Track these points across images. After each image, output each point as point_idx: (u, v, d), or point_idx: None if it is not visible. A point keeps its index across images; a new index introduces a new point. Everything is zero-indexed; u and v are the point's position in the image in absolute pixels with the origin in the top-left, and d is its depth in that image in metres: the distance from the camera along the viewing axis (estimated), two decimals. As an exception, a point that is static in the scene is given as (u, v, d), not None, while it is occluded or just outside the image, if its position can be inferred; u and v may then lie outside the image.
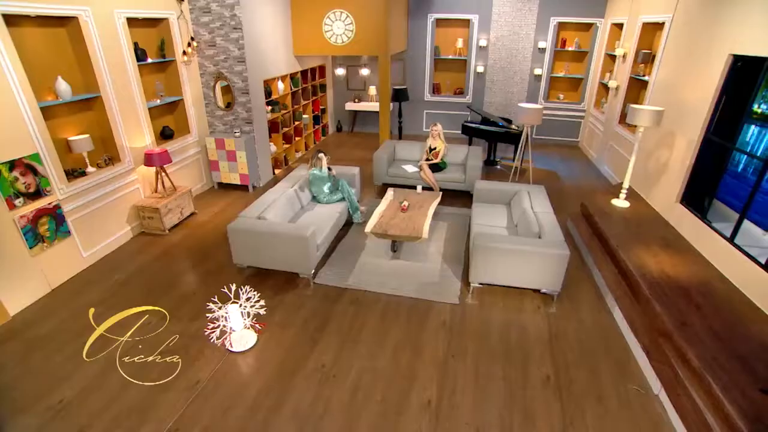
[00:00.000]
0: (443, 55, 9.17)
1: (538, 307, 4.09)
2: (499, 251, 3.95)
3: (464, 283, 4.40)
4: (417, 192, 5.65)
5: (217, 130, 6.57)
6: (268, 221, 4.29)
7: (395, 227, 4.67)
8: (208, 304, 3.46)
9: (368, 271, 4.53)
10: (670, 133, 5.21)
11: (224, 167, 6.47)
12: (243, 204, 6.21)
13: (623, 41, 7.07)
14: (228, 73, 6.11)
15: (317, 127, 9.21)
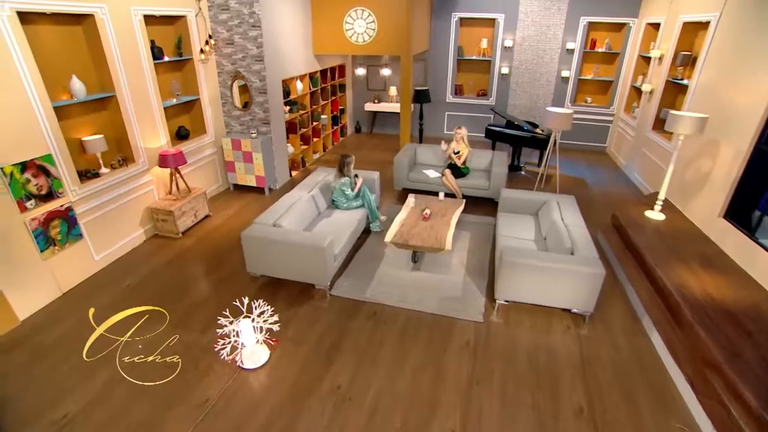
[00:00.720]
0: (467, 55, 8.88)
1: (568, 327, 3.81)
2: (528, 268, 3.68)
3: (489, 298, 4.14)
4: (439, 199, 5.41)
5: (234, 130, 6.43)
6: (284, 229, 4.10)
7: (417, 237, 4.43)
8: (219, 319, 3.29)
9: (387, 283, 4.31)
10: (713, 141, 4.84)
11: (240, 168, 6.33)
12: (258, 207, 6.06)
13: (660, 42, 6.67)
14: (246, 72, 5.96)
15: (336, 128, 9.02)
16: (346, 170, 4.98)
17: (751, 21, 4.48)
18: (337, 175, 5.05)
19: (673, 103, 6.49)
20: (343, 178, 4.99)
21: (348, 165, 4.98)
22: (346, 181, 4.99)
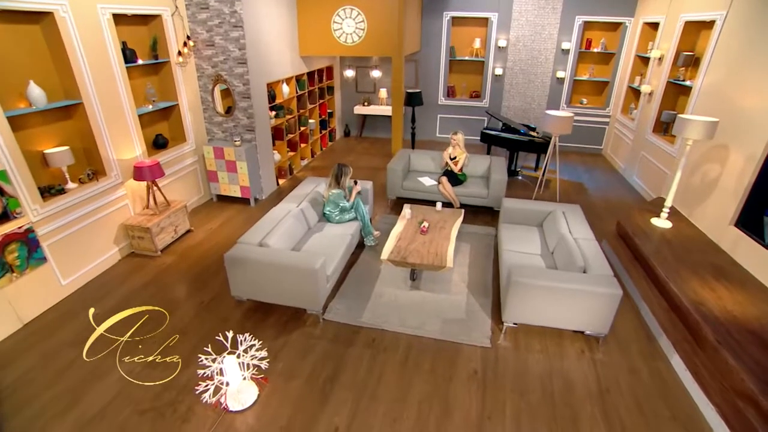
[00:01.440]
0: (459, 56, 8.59)
1: (582, 351, 3.53)
2: (538, 289, 3.38)
3: (495, 320, 3.84)
4: (437, 209, 5.09)
5: (216, 137, 6.03)
6: (271, 249, 3.74)
7: (415, 254, 4.11)
8: (200, 357, 2.92)
9: (385, 305, 3.98)
10: (722, 146, 4.63)
11: (223, 178, 5.93)
12: (243, 219, 5.67)
13: (659, 42, 6.48)
14: (228, 75, 5.56)
15: (324, 132, 8.66)
16: (342, 181, 4.63)
17: (762, 19, 4.27)
18: (331, 184, 4.69)
19: (674, 105, 6.30)
20: (338, 189, 4.64)
21: (345, 175, 4.63)
22: (340, 192, 4.64)
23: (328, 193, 4.69)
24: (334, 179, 4.66)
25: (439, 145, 8.94)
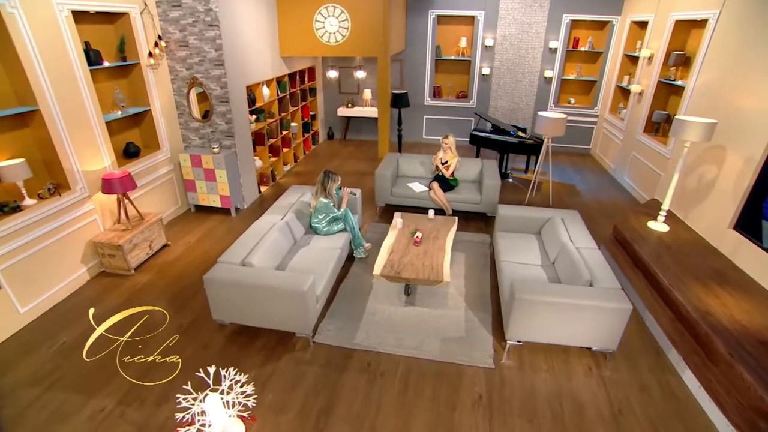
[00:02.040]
0: (445, 55, 8.38)
1: (589, 368, 3.35)
2: (544, 305, 3.18)
3: (496, 336, 3.63)
4: (429, 217, 4.86)
5: (193, 144, 5.65)
6: (255, 269, 3.43)
7: (410, 268, 3.87)
8: (178, 397, 2.60)
9: (379, 324, 3.73)
10: (719, 147, 4.53)
11: (201, 188, 5.56)
12: (224, 231, 5.33)
13: (648, 41, 6.39)
14: (204, 78, 5.20)
15: (307, 136, 8.33)
16: (329, 188, 4.34)
17: (758, 18, 4.17)
18: (317, 193, 4.40)
19: (665, 105, 6.22)
20: (325, 198, 4.36)
21: (333, 183, 4.35)
22: (328, 202, 4.36)
23: (315, 202, 4.40)
24: (321, 187, 4.38)
25: (427, 147, 8.73)
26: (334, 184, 4.37)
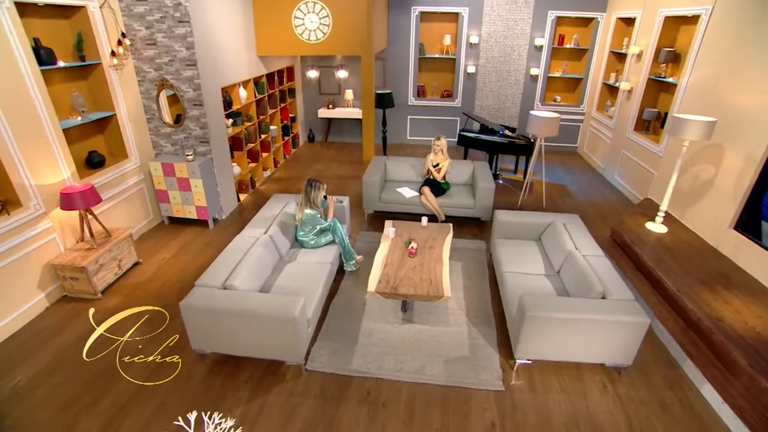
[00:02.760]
0: (428, 53, 8.13)
1: (604, 386, 3.14)
2: (557, 321, 2.95)
3: (503, 353, 3.38)
4: (423, 225, 4.59)
5: (165, 151, 5.21)
6: (238, 292, 3.08)
7: (407, 283, 3.58)
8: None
9: (376, 346, 3.43)
10: (716, 146, 4.42)
11: (175, 198, 5.13)
12: (202, 244, 4.92)
13: (636, 38, 6.29)
14: (174, 79, 4.78)
15: (287, 139, 7.94)
16: (314, 199, 4.01)
17: (754, 12, 4.06)
18: (302, 205, 4.07)
19: (656, 103, 6.14)
20: (311, 209, 4.03)
21: (318, 192, 4.03)
22: (314, 213, 4.03)
23: (301, 214, 4.06)
24: (306, 198, 4.04)
25: (411, 148, 8.47)
26: (319, 194, 4.04)
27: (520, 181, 6.91)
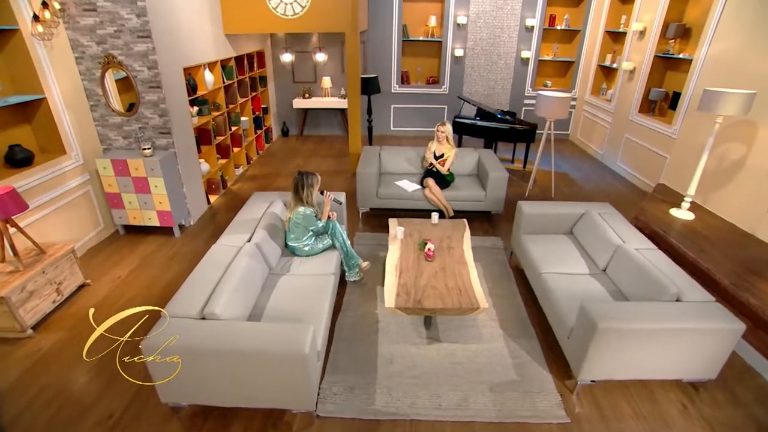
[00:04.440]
0: (412, 36, 7.47)
1: (683, 406, 2.59)
2: (636, 334, 2.37)
3: (554, 373, 2.78)
4: (433, 222, 3.94)
5: (116, 145, 4.28)
6: (222, 323, 2.30)
7: (431, 293, 2.92)
8: None
9: (401, 375, 2.73)
10: (747, 122, 4.04)
11: (131, 202, 4.21)
12: (166, 257, 4.05)
13: (638, 14, 5.90)
14: (123, 55, 3.87)
15: (259, 133, 7.07)
16: (308, 196, 3.27)
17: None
18: (292, 204, 3.31)
19: (661, 82, 5.77)
20: (305, 207, 3.28)
21: (311, 187, 3.28)
22: (310, 212, 3.29)
23: (292, 215, 3.30)
24: (296, 195, 3.28)
25: (396, 140, 7.81)
26: (312, 190, 3.30)
27: (520, 170, 6.41)
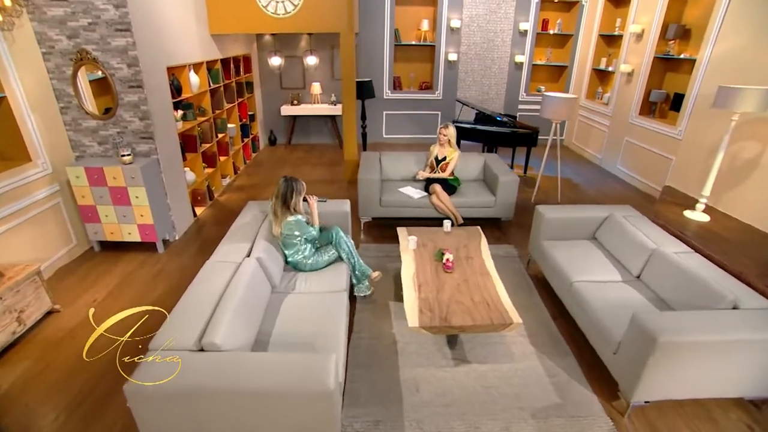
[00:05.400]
0: (404, 40, 7.27)
1: (749, 428, 2.32)
2: (699, 347, 2.10)
3: (597, 392, 2.49)
4: (445, 231, 3.65)
5: (90, 152, 3.84)
6: (225, 355, 1.91)
7: (457, 309, 2.61)
8: None
9: (430, 404, 2.39)
10: (761, 120, 3.94)
11: (108, 216, 3.77)
12: (149, 276, 3.61)
13: (636, 16, 5.84)
14: (99, 51, 3.47)
15: (246, 141, 6.68)
16: (296, 203, 2.92)
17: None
18: (280, 213, 2.93)
19: (661, 84, 5.69)
20: (293, 216, 2.92)
21: (298, 194, 2.93)
22: (300, 219, 2.93)
23: (281, 228, 2.92)
24: (284, 204, 2.91)
25: (389, 147, 7.52)
26: (300, 197, 2.95)
27: (521, 176, 6.19)
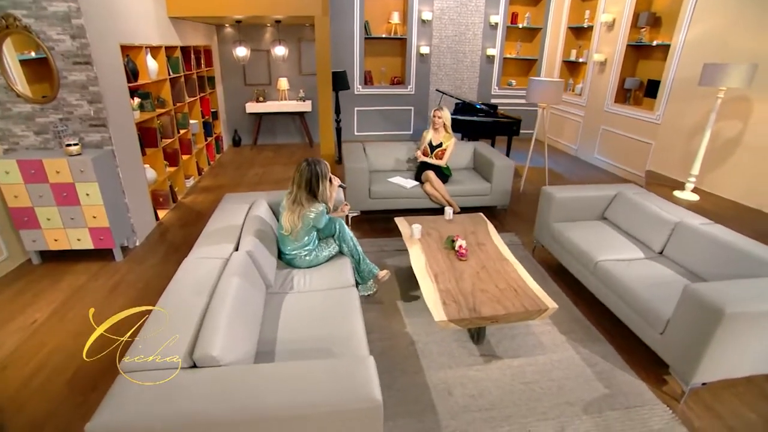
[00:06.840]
0: (375, 33, 7.00)
1: (805, 403, 2.17)
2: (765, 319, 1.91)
3: (643, 378, 2.26)
4: (447, 218, 3.36)
5: (24, 143, 3.20)
6: (227, 370, 1.48)
7: (485, 298, 2.31)
8: None
9: (469, 408, 2.05)
10: (740, 98, 4.03)
11: (51, 219, 3.14)
12: (106, 289, 3.03)
13: (606, 5, 5.91)
14: (32, 17, 2.89)
15: (210, 140, 6.10)
16: (324, 190, 2.53)
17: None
18: (305, 201, 2.50)
19: (633, 71, 5.78)
20: (317, 205, 2.52)
21: (324, 178, 2.54)
22: (323, 209, 2.54)
23: (301, 219, 2.49)
24: (306, 191, 2.50)
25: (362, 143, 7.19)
26: (325, 181, 2.56)
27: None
